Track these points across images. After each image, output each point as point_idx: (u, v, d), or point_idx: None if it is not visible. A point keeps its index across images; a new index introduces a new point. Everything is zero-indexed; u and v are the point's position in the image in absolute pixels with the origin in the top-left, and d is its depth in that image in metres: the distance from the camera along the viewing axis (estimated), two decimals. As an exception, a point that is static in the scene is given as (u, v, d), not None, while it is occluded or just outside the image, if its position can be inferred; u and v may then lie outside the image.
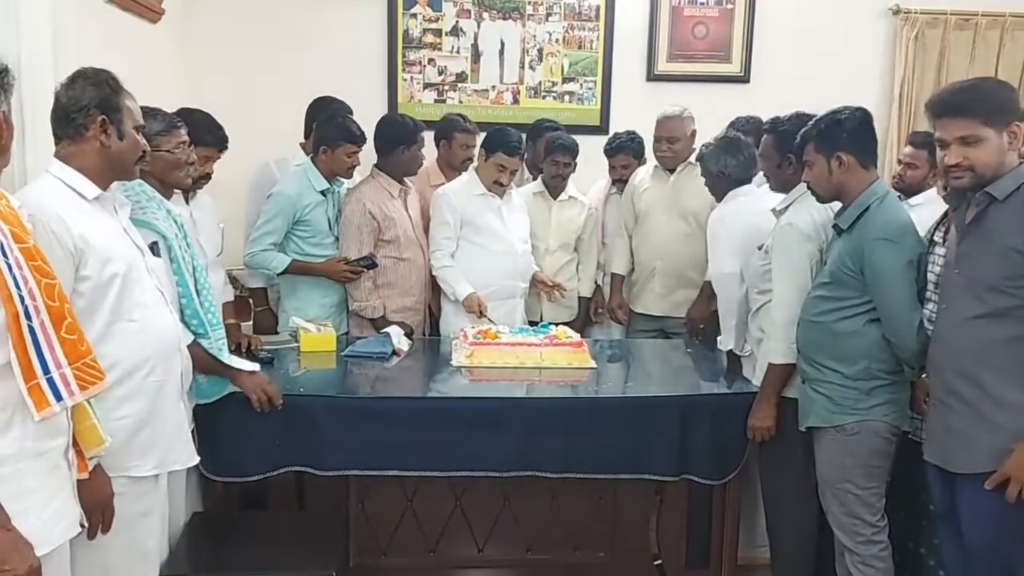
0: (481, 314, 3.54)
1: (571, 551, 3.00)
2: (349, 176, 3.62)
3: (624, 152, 3.99)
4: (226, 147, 3.00)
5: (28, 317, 1.57)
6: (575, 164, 3.92)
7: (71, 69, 2.13)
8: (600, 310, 4.08)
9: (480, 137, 3.85)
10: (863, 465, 2.53)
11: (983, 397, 2.11)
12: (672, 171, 3.81)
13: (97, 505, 1.88)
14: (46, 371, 1.60)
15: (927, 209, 3.20)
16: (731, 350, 3.17)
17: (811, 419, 2.61)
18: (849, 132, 2.51)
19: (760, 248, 2.94)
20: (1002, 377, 2.08)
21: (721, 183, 3.24)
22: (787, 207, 2.83)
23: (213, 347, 2.50)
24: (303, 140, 3.85)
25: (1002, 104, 2.12)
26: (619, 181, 4.05)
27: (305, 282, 3.55)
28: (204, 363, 2.48)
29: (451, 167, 4.00)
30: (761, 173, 3.09)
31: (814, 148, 2.55)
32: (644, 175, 3.92)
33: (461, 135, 3.99)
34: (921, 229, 2.57)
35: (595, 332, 4.09)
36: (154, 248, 2.28)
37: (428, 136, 3.84)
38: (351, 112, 3.75)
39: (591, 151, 4.15)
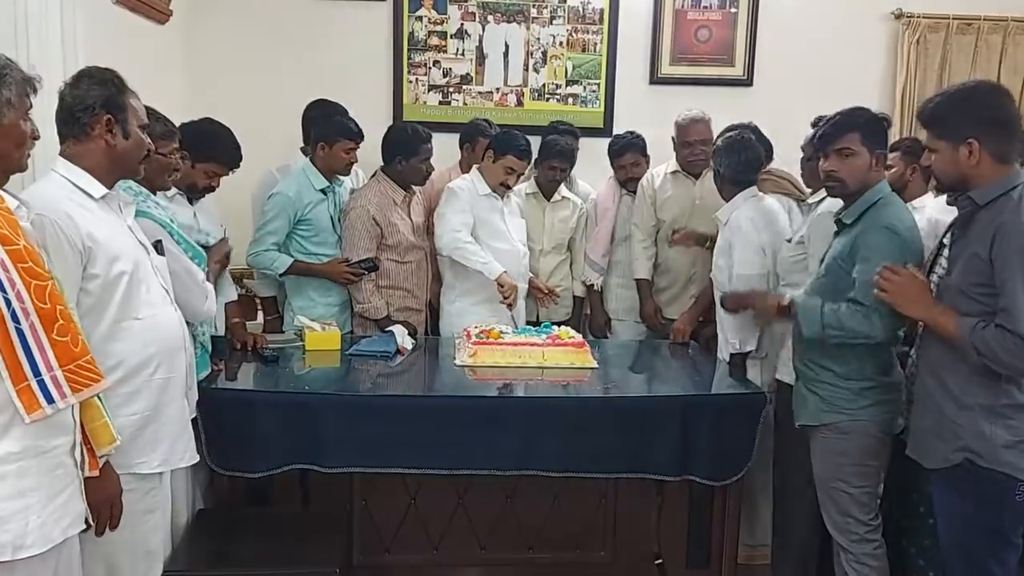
0: (510, 305, 3.51)
1: (572, 550, 3.02)
2: (347, 173, 3.65)
3: (632, 151, 3.96)
4: (237, 167, 3.03)
5: (16, 320, 1.56)
6: (570, 168, 3.94)
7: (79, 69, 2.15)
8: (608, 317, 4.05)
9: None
10: (856, 464, 2.55)
11: (947, 397, 2.17)
12: (697, 175, 3.78)
13: (106, 502, 1.90)
14: (37, 374, 1.60)
15: (925, 212, 3.24)
16: (734, 353, 3.19)
17: (803, 417, 2.64)
18: (885, 132, 2.55)
19: (790, 240, 2.99)
20: (964, 379, 2.14)
21: (722, 183, 3.28)
22: (822, 199, 2.86)
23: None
24: (303, 145, 3.88)
25: (952, 121, 2.14)
26: (630, 180, 3.98)
27: (312, 282, 3.58)
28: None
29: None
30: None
31: (860, 140, 2.50)
32: (663, 180, 3.87)
33: (486, 140, 3.96)
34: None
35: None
36: (158, 247, 2.31)
37: (439, 140, 3.84)
38: (347, 114, 3.76)
39: (594, 153, 4.18)
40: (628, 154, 3.95)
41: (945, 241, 2.42)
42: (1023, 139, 2.18)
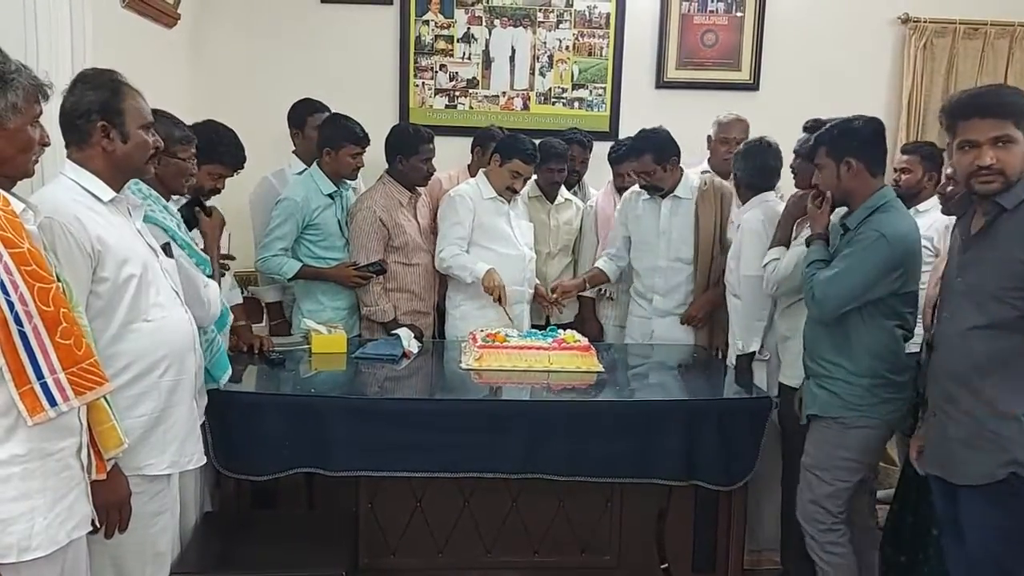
0: (499, 299, 3.51)
1: (578, 554, 3.02)
2: (354, 177, 3.65)
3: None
4: (241, 167, 3.03)
5: (19, 322, 1.56)
6: (568, 168, 3.93)
7: (90, 73, 2.15)
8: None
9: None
10: (852, 460, 2.59)
11: (983, 408, 2.07)
12: (728, 175, 3.74)
13: (114, 504, 1.91)
14: (40, 376, 1.59)
15: (933, 215, 3.26)
16: (739, 355, 3.20)
17: (811, 408, 2.65)
18: (861, 140, 2.55)
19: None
20: (1003, 388, 2.05)
21: (741, 188, 3.31)
22: None
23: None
24: (294, 148, 3.90)
25: None
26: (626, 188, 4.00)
27: (321, 285, 3.59)
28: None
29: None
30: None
31: (825, 152, 2.59)
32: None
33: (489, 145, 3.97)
34: (925, 233, 2.60)
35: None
36: (167, 249, 2.31)
37: (445, 143, 3.84)
38: (328, 110, 3.80)
39: (600, 158, 4.17)
40: (626, 162, 3.94)
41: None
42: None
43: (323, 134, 3.57)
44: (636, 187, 3.71)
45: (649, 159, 3.53)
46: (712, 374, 3.31)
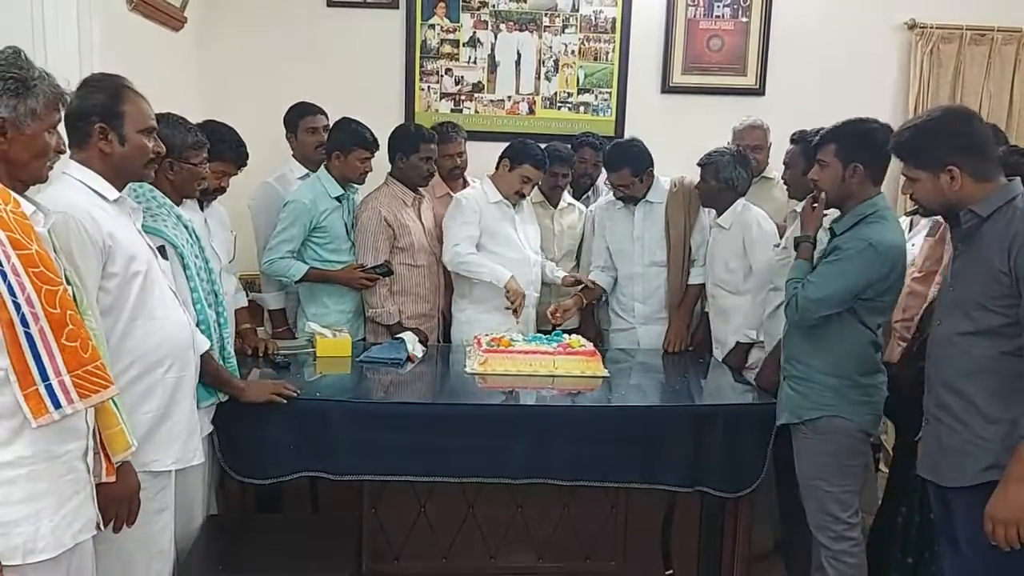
0: (516, 311, 3.51)
1: (582, 560, 3.01)
2: (362, 182, 3.65)
3: None
4: (245, 164, 3.04)
5: (25, 324, 1.56)
6: (571, 174, 3.95)
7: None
8: None
9: (453, 142, 4.00)
10: (836, 464, 2.60)
11: (973, 412, 2.12)
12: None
13: (124, 497, 1.92)
14: (45, 378, 1.59)
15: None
16: (740, 343, 3.34)
17: (783, 416, 2.68)
18: (875, 145, 2.53)
19: (777, 246, 3.15)
20: (991, 393, 2.09)
21: (725, 192, 3.39)
22: None
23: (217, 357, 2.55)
24: (293, 152, 3.91)
25: (928, 150, 2.15)
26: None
27: (326, 289, 3.59)
28: (211, 376, 2.51)
29: (442, 177, 4.02)
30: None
31: (835, 151, 2.57)
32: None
33: (441, 146, 3.91)
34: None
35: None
36: (162, 251, 2.34)
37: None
38: (323, 113, 3.82)
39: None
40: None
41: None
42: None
43: (333, 137, 3.58)
44: (610, 196, 3.76)
45: (627, 172, 3.59)
46: (718, 379, 3.31)
